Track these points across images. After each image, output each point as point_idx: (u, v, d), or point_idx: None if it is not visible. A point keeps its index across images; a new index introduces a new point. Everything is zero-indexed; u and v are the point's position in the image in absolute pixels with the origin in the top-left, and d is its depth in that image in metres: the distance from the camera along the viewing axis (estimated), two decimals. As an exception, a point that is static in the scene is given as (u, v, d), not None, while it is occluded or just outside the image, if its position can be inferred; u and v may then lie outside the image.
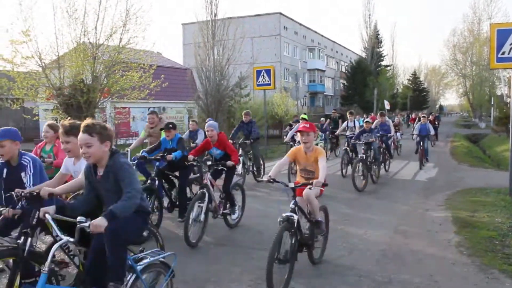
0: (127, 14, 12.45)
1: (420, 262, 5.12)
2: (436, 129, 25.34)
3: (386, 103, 35.22)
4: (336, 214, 7.60)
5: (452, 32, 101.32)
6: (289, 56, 47.96)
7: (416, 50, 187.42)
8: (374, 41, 58.74)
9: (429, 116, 28.96)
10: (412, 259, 5.24)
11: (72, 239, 2.92)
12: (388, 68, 63.98)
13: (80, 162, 3.85)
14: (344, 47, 68.64)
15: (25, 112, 13.45)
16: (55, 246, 2.89)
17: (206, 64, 20.22)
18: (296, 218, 4.28)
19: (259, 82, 17.09)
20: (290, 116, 28.95)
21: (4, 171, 4.06)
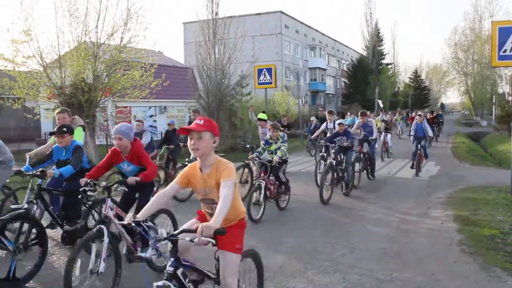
0: (128, 13, 12.44)
1: (422, 261, 5.12)
2: (439, 127, 25.01)
3: (380, 102, 34.95)
4: (337, 213, 7.61)
5: (454, 30, 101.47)
6: (290, 55, 47.93)
7: (418, 49, 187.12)
8: (375, 40, 58.78)
9: (428, 114, 28.03)
10: (414, 258, 5.24)
11: None
12: (389, 67, 64.04)
13: None
14: (345, 46, 68.60)
15: (26, 112, 13.43)
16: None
17: (207, 63, 20.20)
18: None
19: (260, 81, 17.08)
20: (291, 115, 28.98)
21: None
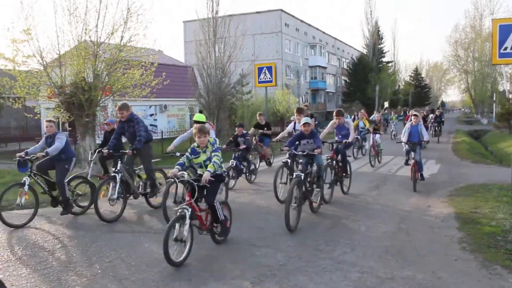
0: (128, 12, 12.42)
1: (423, 259, 5.12)
2: (440, 128, 23.45)
3: (386, 103, 35.19)
4: (339, 211, 7.61)
5: (454, 28, 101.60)
6: (291, 53, 47.90)
7: (418, 47, 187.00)
8: (376, 38, 58.73)
9: (429, 113, 26.69)
10: (415, 256, 5.24)
11: None
12: (390, 65, 64.00)
13: None
14: (346, 44, 68.55)
15: (27, 111, 13.43)
16: None
17: (208, 62, 20.19)
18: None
19: (261, 79, 17.09)
20: (292, 113, 28.95)
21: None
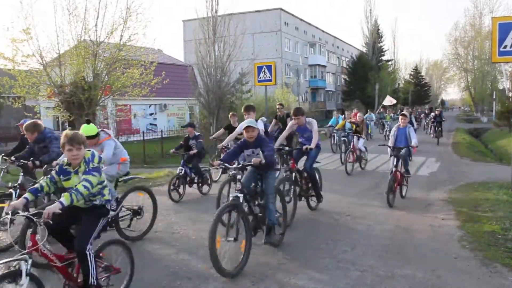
0: (128, 11, 12.43)
1: (423, 257, 5.12)
2: (440, 128, 20.96)
3: (388, 100, 32.50)
4: (339, 210, 7.61)
5: (454, 26, 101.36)
6: (290, 52, 47.88)
7: (418, 45, 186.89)
8: (375, 36, 58.71)
9: (427, 111, 23.13)
10: (415, 254, 5.25)
11: None
12: (390, 63, 63.94)
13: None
14: (345, 43, 68.51)
15: (27, 110, 13.45)
16: None
17: (207, 61, 20.17)
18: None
19: (260, 78, 17.04)
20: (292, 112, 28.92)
21: None
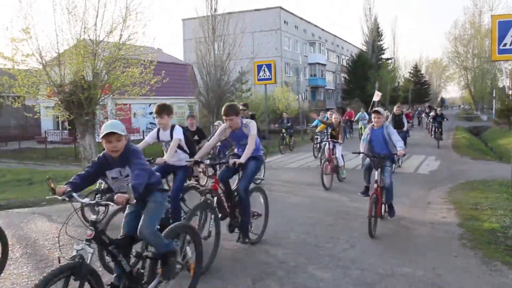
0: (127, 10, 12.40)
1: (423, 255, 5.13)
2: (440, 129, 18.66)
3: (377, 94, 29.07)
4: (339, 208, 7.62)
5: (453, 25, 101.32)
6: (290, 51, 47.85)
7: (417, 43, 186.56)
8: (375, 35, 58.68)
9: (426, 110, 19.66)
10: (415, 252, 5.25)
11: None
12: (389, 62, 63.89)
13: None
14: (345, 41, 68.47)
15: (27, 110, 13.43)
16: None
17: (207, 60, 20.20)
18: None
19: (260, 77, 17.07)
20: (291, 111, 28.94)
21: None
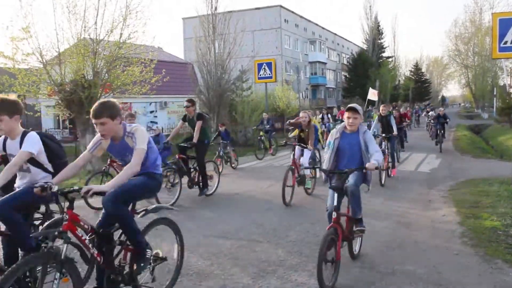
0: (127, 9, 12.41)
1: (424, 253, 5.12)
2: (443, 132, 16.45)
3: (372, 93, 27.74)
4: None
5: (454, 23, 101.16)
6: (290, 49, 47.78)
7: (418, 41, 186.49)
8: (375, 33, 58.58)
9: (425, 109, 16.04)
10: (416, 250, 5.24)
11: None
12: (390, 60, 63.79)
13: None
14: (345, 39, 68.34)
15: (27, 109, 13.44)
16: None
17: (207, 58, 20.17)
18: None
19: (261, 75, 17.08)
20: (292, 109, 28.92)
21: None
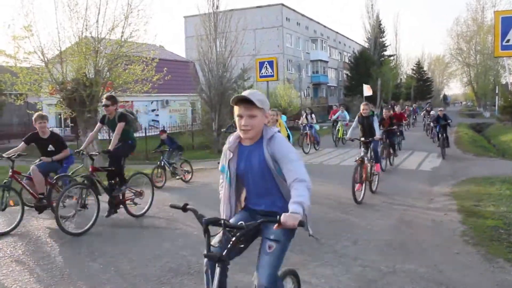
0: (129, 8, 12.41)
1: (425, 252, 5.12)
2: (445, 134, 14.61)
3: (367, 88, 26.55)
4: (340, 205, 7.61)
5: (456, 21, 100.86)
6: (292, 48, 47.74)
7: (420, 40, 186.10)
8: (377, 31, 58.45)
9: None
10: (417, 249, 5.24)
11: None
12: (392, 58, 63.65)
13: None
14: (347, 38, 68.26)
15: (29, 107, 13.50)
16: None
17: (209, 57, 20.16)
18: None
19: (262, 74, 17.02)
20: (294, 108, 28.93)
21: None
